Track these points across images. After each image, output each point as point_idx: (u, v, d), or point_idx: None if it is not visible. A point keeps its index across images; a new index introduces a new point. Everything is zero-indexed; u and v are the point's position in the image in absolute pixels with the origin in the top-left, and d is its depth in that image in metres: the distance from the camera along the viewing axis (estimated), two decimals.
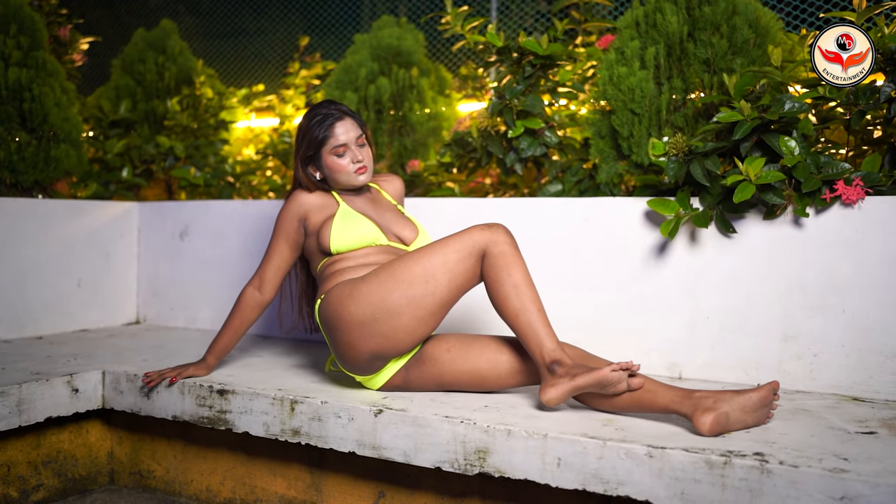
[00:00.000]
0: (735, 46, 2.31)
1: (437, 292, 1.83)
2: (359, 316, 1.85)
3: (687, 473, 1.45)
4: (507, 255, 1.80)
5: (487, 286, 1.83)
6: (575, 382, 1.66)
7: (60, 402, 2.13)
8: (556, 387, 1.68)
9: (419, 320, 1.84)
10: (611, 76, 2.45)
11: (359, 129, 2.07)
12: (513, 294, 1.78)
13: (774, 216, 2.04)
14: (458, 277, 1.83)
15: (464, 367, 1.88)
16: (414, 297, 1.82)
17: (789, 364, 2.02)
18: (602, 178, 2.47)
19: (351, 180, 2.07)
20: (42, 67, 3.05)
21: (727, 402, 1.56)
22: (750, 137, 2.05)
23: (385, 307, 1.83)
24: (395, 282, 1.83)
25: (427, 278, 1.82)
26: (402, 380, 1.95)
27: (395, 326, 1.83)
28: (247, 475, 2.15)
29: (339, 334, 1.90)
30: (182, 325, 3.19)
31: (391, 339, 1.85)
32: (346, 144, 2.04)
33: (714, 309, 2.12)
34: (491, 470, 1.66)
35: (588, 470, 1.55)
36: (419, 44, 3.24)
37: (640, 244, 2.24)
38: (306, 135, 2.06)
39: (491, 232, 1.83)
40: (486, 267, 1.82)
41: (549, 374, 1.72)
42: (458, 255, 1.82)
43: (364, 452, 1.82)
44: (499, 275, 1.79)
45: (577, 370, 1.68)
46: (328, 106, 2.08)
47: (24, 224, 2.87)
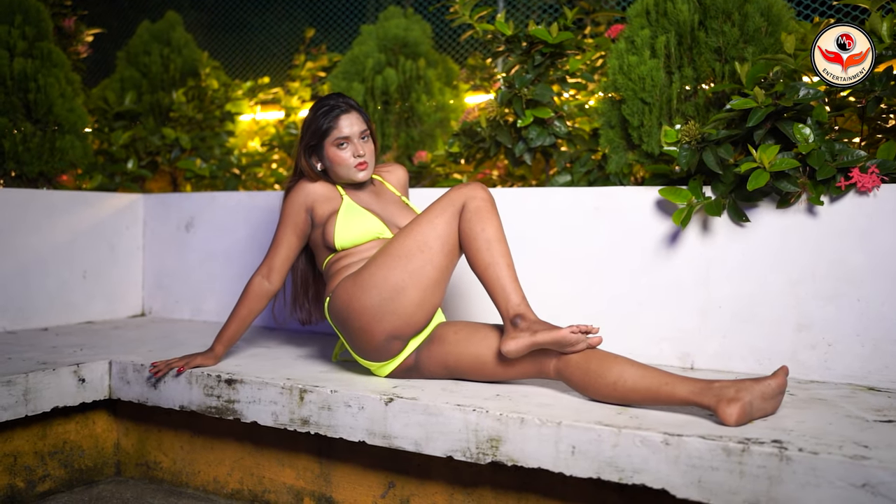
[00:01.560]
0: (747, 35, 2.28)
1: (435, 259, 1.87)
2: (367, 302, 1.87)
3: (704, 461, 1.43)
4: (483, 210, 1.85)
5: (462, 240, 1.87)
6: (535, 338, 1.73)
7: (67, 391, 2.11)
8: (516, 339, 1.75)
9: (424, 290, 1.87)
10: (621, 65, 2.43)
11: (363, 123, 2.07)
12: (484, 248, 1.83)
13: (788, 204, 2.02)
14: (450, 240, 1.88)
15: (467, 350, 1.88)
16: (414, 270, 1.86)
17: (803, 353, 1.99)
18: (612, 168, 2.45)
19: (350, 175, 2.06)
20: (47, 58, 3.03)
21: (749, 391, 1.54)
22: (763, 125, 2.03)
23: (389, 286, 1.86)
24: (393, 259, 1.87)
25: (421, 248, 1.86)
26: (414, 360, 1.95)
27: (404, 302, 1.86)
28: (255, 466, 2.13)
29: (352, 322, 1.90)
30: (187, 317, 3.17)
31: (403, 316, 1.87)
32: (349, 137, 2.04)
33: (726, 298, 2.10)
34: (504, 459, 1.64)
35: (603, 458, 1.53)
36: (426, 34, 3.22)
37: (652, 233, 2.21)
38: (311, 124, 2.06)
39: (468, 188, 1.88)
40: (461, 222, 1.87)
41: (512, 327, 1.78)
42: (443, 217, 1.88)
43: (374, 442, 1.80)
44: (472, 228, 1.84)
45: (538, 326, 1.75)
46: (336, 98, 2.08)
47: (29, 215, 2.86)
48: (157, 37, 3.77)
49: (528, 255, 2.38)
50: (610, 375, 1.67)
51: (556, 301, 2.33)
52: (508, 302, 1.79)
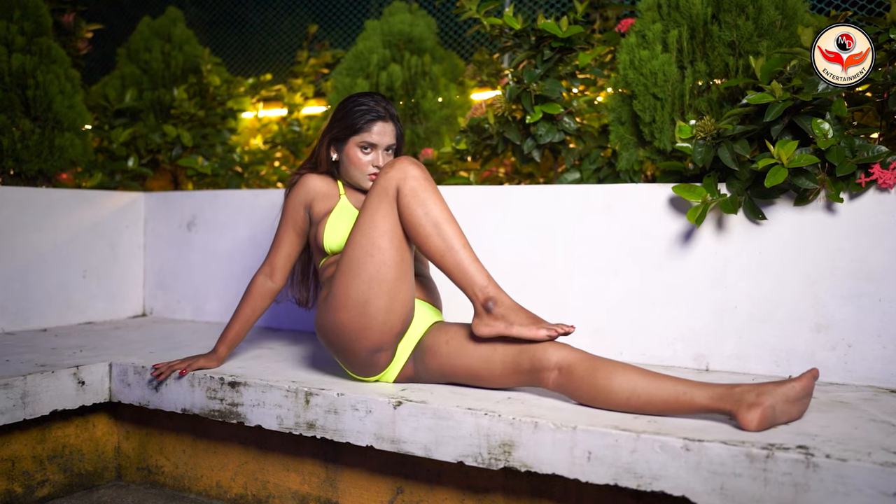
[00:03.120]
0: (761, 28, 2.23)
1: (388, 259, 1.75)
2: (339, 322, 1.80)
3: (726, 467, 1.38)
4: (419, 190, 1.72)
5: (406, 227, 1.75)
6: (510, 331, 1.66)
7: (66, 394, 2.06)
8: (489, 326, 1.68)
9: (389, 294, 1.76)
10: (632, 60, 2.38)
11: (394, 138, 2.01)
12: (434, 233, 1.71)
13: (806, 202, 1.97)
14: (397, 231, 1.75)
15: (458, 362, 1.79)
16: (371, 276, 1.75)
17: (822, 354, 1.94)
18: (622, 165, 2.40)
19: (361, 181, 2.01)
20: (46, 54, 2.98)
21: (770, 395, 1.48)
22: (781, 120, 1.97)
23: (353, 301, 1.76)
24: (348, 272, 1.77)
25: (370, 252, 1.75)
26: (413, 370, 1.88)
27: (372, 312, 1.76)
28: (259, 470, 2.08)
29: (336, 345, 1.85)
30: (189, 317, 3.12)
31: (376, 327, 1.78)
32: (376, 146, 1.98)
33: (742, 297, 2.05)
34: (517, 464, 1.59)
35: (620, 464, 1.48)
36: (431, 30, 3.17)
37: (665, 232, 2.16)
38: (345, 117, 1.99)
39: (396, 169, 1.74)
40: (400, 207, 1.74)
41: (486, 311, 1.69)
42: (381, 210, 1.75)
43: (382, 446, 1.75)
44: (414, 213, 1.72)
45: (515, 317, 1.67)
46: (378, 100, 1.99)
47: (29, 214, 2.81)
48: (157, 33, 3.72)
49: (538, 253, 2.33)
50: (621, 391, 1.58)
51: (566, 300, 2.28)
52: (474, 285, 1.69)
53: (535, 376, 1.69)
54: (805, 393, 1.51)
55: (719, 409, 1.52)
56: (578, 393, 1.64)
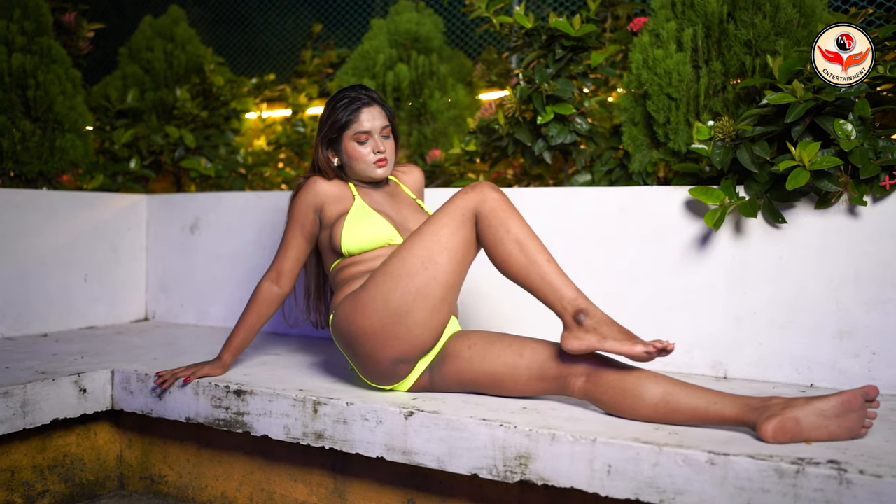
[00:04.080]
0: (778, 27, 2.18)
1: (440, 276, 1.70)
2: (368, 326, 1.73)
3: (754, 483, 1.33)
4: (500, 210, 1.67)
5: (487, 249, 1.70)
6: (604, 345, 1.56)
7: (67, 403, 2.01)
8: (580, 340, 1.58)
9: (431, 310, 1.71)
10: (645, 59, 2.32)
11: (386, 118, 1.95)
12: (516, 251, 1.65)
13: (828, 204, 1.91)
14: (458, 252, 1.70)
15: (481, 368, 1.74)
16: (418, 289, 1.69)
17: (845, 362, 1.89)
18: (635, 166, 2.35)
19: (369, 171, 1.94)
20: (47, 54, 2.93)
21: (799, 408, 1.42)
22: (802, 121, 1.92)
23: (391, 309, 1.70)
24: (394, 279, 1.71)
25: (425, 265, 1.69)
26: (429, 380, 1.83)
27: (409, 325, 1.71)
28: (265, 481, 2.02)
29: (357, 349, 1.79)
30: (193, 321, 3.07)
31: (408, 339, 1.73)
32: (370, 132, 1.92)
33: (761, 303, 1.99)
34: (533, 477, 1.53)
35: (642, 478, 1.42)
36: (438, 29, 3.12)
37: (681, 235, 2.11)
38: (330, 116, 1.95)
39: (476, 191, 1.69)
40: (480, 230, 1.69)
41: (576, 323, 1.60)
42: (450, 228, 1.69)
43: (393, 458, 1.69)
44: (496, 233, 1.66)
45: (608, 330, 1.57)
46: (357, 90, 1.96)
47: (29, 217, 2.76)
48: (160, 32, 3.66)
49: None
50: (651, 397, 1.54)
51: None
52: (563, 298, 1.61)
53: (561, 383, 1.65)
54: (847, 408, 1.42)
55: (746, 420, 1.46)
56: (604, 398, 1.60)
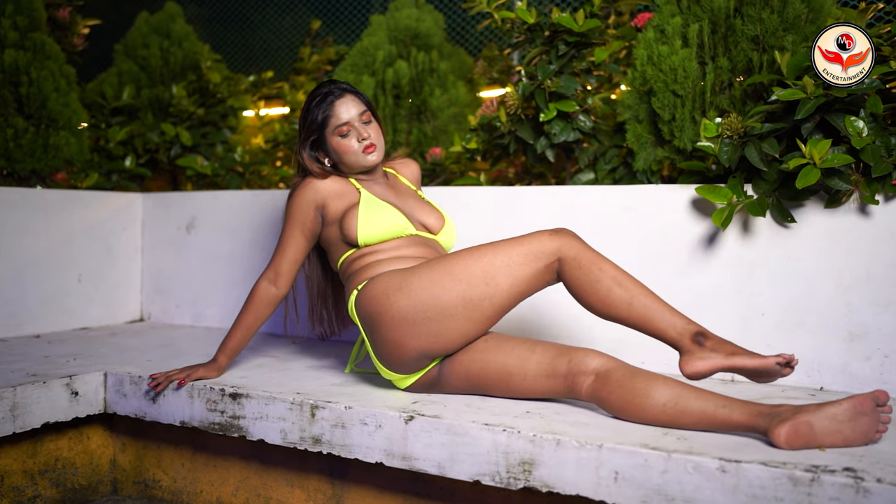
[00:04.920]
0: (786, 22, 2.13)
1: (497, 296, 1.68)
2: (408, 311, 1.70)
3: (767, 491, 1.28)
4: (588, 252, 1.66)
5: (579, 290, 1.66)
6: (732, 361, 1.51)
7: (59, 406, 1.96)
8: (704, 360, 1.53)
9: (474, 323, 1.70)
10: (650, 56, 2.28)
11: (361, 104, 1.93)
12: (615, 286, 1.62)
13: (839, 203, 1.87)
14: (521, 283, 1.68)
15: (495, 358, 1.71)
16: (471, 299, 1.68)
17: (856, 365, 1.84)
18: (639, 165, 2.30)
19: (360, 161, 1.92)
20: (40, 50, 2.88)
21: (811, 412, 1.38)
22: (812, 118, 1.88)
23: (438, 306, 1.68)
24: (452, 280, 1.68)
25: (487, 280, 1.67)
26: (437, 372, 1.79)
27: (448, 327, 1.69)
28: (261, 486, 1.98)
29: (384, 331, 1.74)
30: (189, 322, 3.02)
31: (441, 340, 1.70)
32: (349, 122, 1.90)
33: (770, 305, 1.95)
34: (537, 484, 1.49)
35: (650, 485, 1.38)
36: (439, 25, 3.07)
37: (687, 235, 2.06)
38: (307, 117, 1.93)
39: (560, 237, 1.68)
40: (569, 272, 1.66)
41: (696, 345, 1.55)
42: (523, 258, 1.67)
43: (393, 463, 1.65)
44: (589, 274, 1.64)
45: (731, 347, 1.53)
46: (327, 85, 1.95)
47: (22, 216, 2.71)
48: (156, 29, 3.61)
49: None
50: (659, 396, 1.51)
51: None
52: (676, 324, 1.58)
53: (569, 381, 1.62)
54: (856, 412, 1.39)
55: (756, 426, 1.42)
56: (611, 398, 1.57)
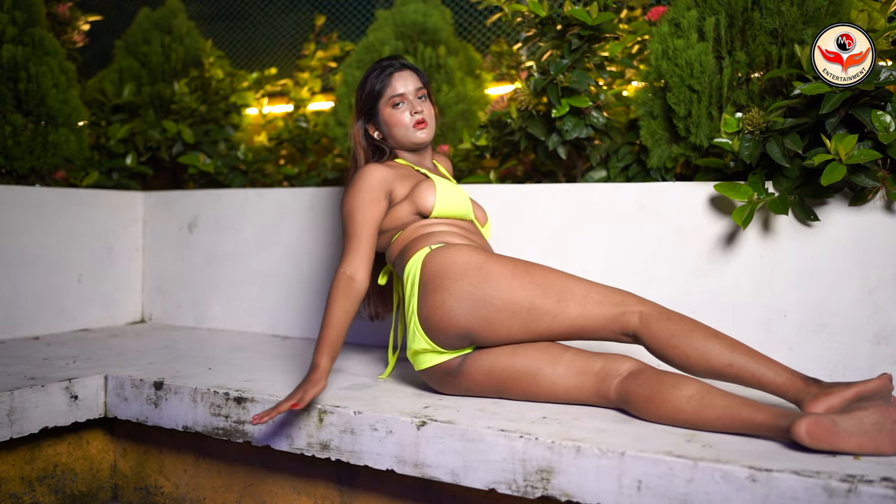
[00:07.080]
0: (806, 15, 2.07)
1: (560, 317, 1.66)
2: (477, 289, 1.68)
3: (800, 502, 1.22)
4: (675, 315, 1.60)
5: (668, 351, 1.58)
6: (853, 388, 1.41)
7: (57, 410, 1.90)
8: (825, 401, 1.41)
9: (526, 332, 1.68)
10: (665, 50, 2.22)
11: (419, 81, 1.94)
12: (714, 345, 1.54)
13: (864, 201, 1.81)
14: (588, 318, 1.64)
15: (525, 352, 1.70)
16: (537, 308, 1.66)
17: (884, 368, 1.78)
18: (653, 162, 2.24)
19: (409, 136, 1.91)
20: (39, 45, 2.82)
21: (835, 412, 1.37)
22: (836, 112, 1.81)
23: (507, 298, 1.66)
24: (530, 282, 1.67)
25: (560, 298, 1.65)
26: (458, 364, 1.75)
27: (504, 322, 1.67)
28: (267, 493, 1.92)
29: (446, 295, 1.70)
30: (191, 323, 2.96)
31: (490, 329, 1.69)
32: (405, 95, 1.91)
33: (792, 306, 1.89)
34: (556, 493, 1.43)
35: (675, 495, 1.32)
36: (446, 20, 3.01)
37: (705, 234, 2.00)
38: (364, 88, 1.95)
39: (647, 301, 1.64)
40: (653, 335, 1.59)
41: (817, 386, 1.46)
42: (602, 297, 1.65)
43: (404, 471, 1.59)
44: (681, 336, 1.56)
45: (843, 384, 1.44)
46: (389, 59, 1.98)
47: (20, 214, 2.65)
48: (157, 25, 3.55)
49: (566, 257, 2.17)
50: (686, 388, 1.50)
51: None
52: (780, 373, 1.49)
53: (600, 379, 1.62)
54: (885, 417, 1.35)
55: (779, 426, 1.38)
56: (639, 390, 1.56)
